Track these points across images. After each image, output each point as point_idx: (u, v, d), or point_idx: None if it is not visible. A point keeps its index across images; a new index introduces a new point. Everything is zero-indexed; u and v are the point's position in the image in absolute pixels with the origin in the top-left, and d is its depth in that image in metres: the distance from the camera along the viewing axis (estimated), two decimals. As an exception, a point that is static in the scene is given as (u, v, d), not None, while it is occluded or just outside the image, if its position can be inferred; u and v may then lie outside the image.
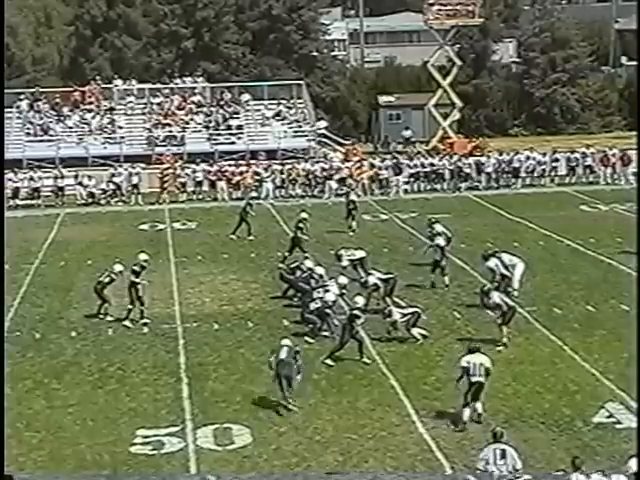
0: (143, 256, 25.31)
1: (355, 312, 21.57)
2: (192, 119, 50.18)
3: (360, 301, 22.22)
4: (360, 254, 27.32)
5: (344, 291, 24.41)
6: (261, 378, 20.58)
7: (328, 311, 23.27)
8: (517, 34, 65.62)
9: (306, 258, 27.20)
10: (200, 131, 49.78)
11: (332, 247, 30.46)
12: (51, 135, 48.26)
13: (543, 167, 43.66)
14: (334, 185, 41.93)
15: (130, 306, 24.44)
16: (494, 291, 23.08)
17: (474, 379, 17.97)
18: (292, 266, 26.89)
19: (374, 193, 42.23)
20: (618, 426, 17.96)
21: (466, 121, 56.80)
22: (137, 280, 24.35)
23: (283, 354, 18.91)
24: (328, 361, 21.31)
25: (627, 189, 40.84)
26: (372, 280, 24.79)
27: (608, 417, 18.35)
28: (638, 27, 60.74)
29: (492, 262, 25.32)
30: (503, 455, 14.65)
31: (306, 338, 22.89)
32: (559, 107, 60.01)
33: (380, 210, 38.74)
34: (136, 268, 24.46)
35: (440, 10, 52.22)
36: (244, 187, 42.06)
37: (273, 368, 18.95)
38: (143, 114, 50.62)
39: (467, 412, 18.05)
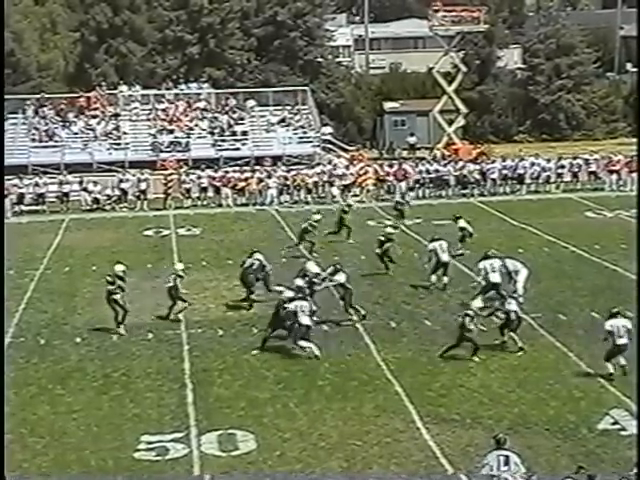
0: (119, 267, 24.68)
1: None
2: (197, 125, 50.27)
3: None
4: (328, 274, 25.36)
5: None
6: (265, 384, 20.63)
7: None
8: (522, 40, 65.66)
9: (309, 260, 27.07)
10: (205, 137, 49.87)
11: (336, 253, 30.47)
12: (56, 141, 48.36)
13: (548, 173, 43.66)
14: (335, 192, 41.93)
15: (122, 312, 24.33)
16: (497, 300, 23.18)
17: (620, 341, 20.05)
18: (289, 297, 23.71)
19: (378, 198, 42.36)
20: (623, 433, 17.92)
21: (471, 127, 56.88)
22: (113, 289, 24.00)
23: None
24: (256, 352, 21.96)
25: (632, 195, 40.78)
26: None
27: (613, 424, 18.33)
28: (638, 35, 60.75)
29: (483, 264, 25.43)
30: (506, 462, 14.62)
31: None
32: (564, 113, 60.06)
33: (385, 216, 38.70)
34: (109, 279, 24.15)
35: (445, 16, 52.45)
36: (249, 193, 42.12)
37: None
38: (148, 120, 50.71)
39: (610, 365, 20.15)
